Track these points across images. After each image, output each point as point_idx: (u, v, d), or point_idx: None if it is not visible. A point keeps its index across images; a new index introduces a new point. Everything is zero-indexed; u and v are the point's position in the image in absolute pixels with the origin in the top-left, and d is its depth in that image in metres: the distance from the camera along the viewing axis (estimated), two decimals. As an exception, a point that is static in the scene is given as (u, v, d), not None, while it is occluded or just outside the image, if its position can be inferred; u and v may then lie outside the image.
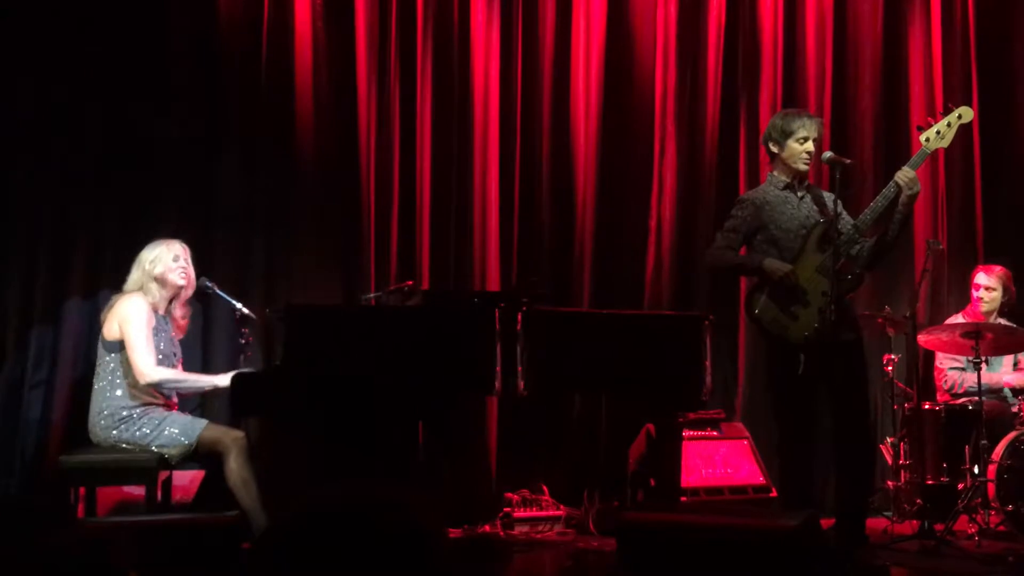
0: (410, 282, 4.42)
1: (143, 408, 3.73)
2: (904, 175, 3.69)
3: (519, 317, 3.63)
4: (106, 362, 3.76)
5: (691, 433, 4.47)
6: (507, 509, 4.45)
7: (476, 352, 3.60)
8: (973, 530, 4.08)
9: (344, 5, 4.80)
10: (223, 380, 3.71)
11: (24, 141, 4.31)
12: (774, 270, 3.76)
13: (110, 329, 3.76)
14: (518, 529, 4.40)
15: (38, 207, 4.31)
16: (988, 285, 4.70)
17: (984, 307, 4.69)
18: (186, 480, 4.05)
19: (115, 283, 3.94)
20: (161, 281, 3.81)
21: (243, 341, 4.08)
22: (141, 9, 4.50)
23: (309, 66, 4.72)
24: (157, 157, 4.50)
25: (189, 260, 3.92)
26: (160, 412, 3.76)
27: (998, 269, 4.75)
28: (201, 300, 4.24)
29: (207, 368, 4.28)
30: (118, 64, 4.44)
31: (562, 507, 4.50)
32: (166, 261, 3.82)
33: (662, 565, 2.94)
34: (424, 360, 3.59)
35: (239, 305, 4.06)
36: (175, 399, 3.89)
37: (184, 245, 3.91)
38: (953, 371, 4.75)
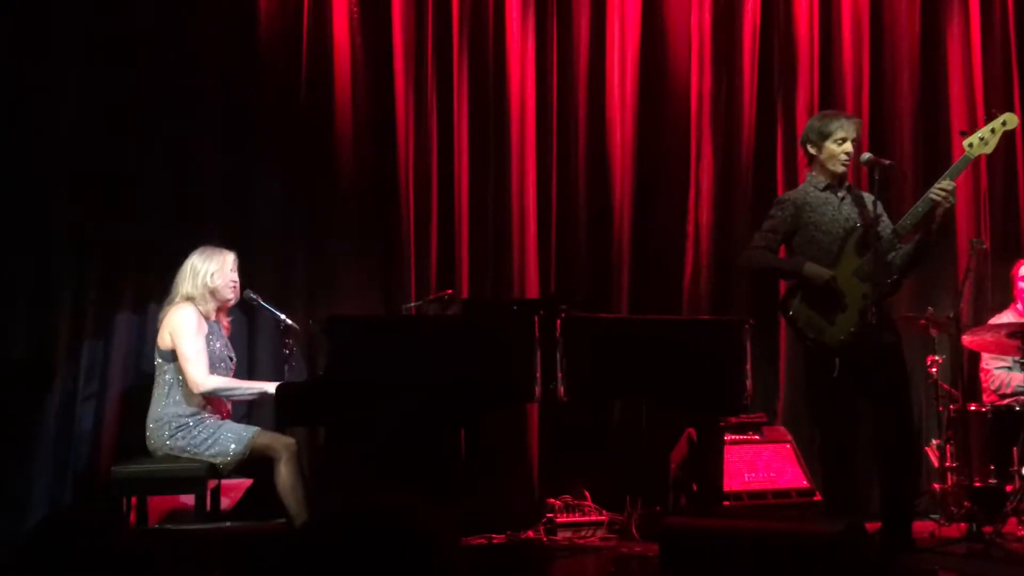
0: (450, 291, 4.47)
1: (199, 416, 3.80)
2: (937, 192, 3.62)
3: (558, 324, 3.66)
4: (163, 371, 3.84)
5: (733, 437, 4.46)
6: (550, 515, 4.47)
7: (516, 359, 3.62)
8: (1022, 532, 4.03)
9: (382, 19, 4.85)
10: (273, 387, 3.74)
11: (69, 160, 4.39)
12: (815, 275, 3.74)
13: (163, 339, 3.84)
14: (561, 535, 4.41)
15: (86, 225, 4.40)
16: None
17: None
18: (233, 489, 4.13)
19: (162, 297, 4.01)
20: (215, 293, 3.90)
21: (287, 352, 4.15)
22: (180, 26, 4.58)
23: (348, 80, 4.78)
24: (199, 172, 4.57)
25: (236, 271, 4.00)
26: (215, 420, 3.83)
27: None
28: (246, 312, 4.32)
29: (252, 378, 4.34)
30: (158, 82, 4.52)
31: (605, 512, 4.51)
32: (224, 275, 3.90)
33: (705, 570, 2.94)
34: (464, 368, 3.62)
35: (283, 316, 4.13)
36: (229, 406, 3.96)
37: (234, 256, 3.99)
38: (1000, 371, 4.70)
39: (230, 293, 3.94)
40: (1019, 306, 4.76)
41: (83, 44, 4.45)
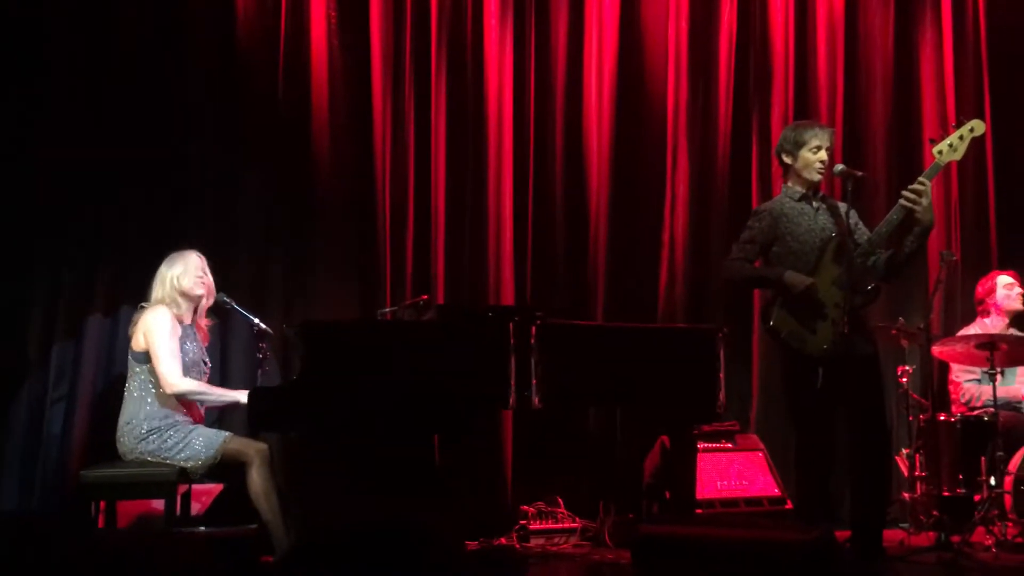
0: (425, 296, 4.47)
1: (171, 420, 3.77)
2: (905, 196, 3.66)
3: (533, 331, 3.66)
4: (136, 373, 3.81)
5: (706, 445, 4.48)
6: (523, 522, 4.47)
7: (491, 366, 3.62)
8: (990, 542, 4.06)
9: (359, 23, 4.87)
10: (245, 396, 3.71)
11: (46, 161, 4.37)
12: (795, 283, 3.76)
13: (136, 341, 3.82)
14: (534, 542, 4.42)
15: (61, 227, 4.37)
16: (1015, 283, 4.74)
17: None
18: (204, 494, 4.10)
19: (136, 300, 3.98)
20: (185, 294, 3.88)
21: (261, 356, 4.12)
22: (158, 27, 4.57)
23: (325, 83, 4.79)
24: (175, 176, 4.56)
25: (207, 269, 3.98)
26: (187, 424, 3.80)
27: (1010, 272, 4.80)
28: (219, 316, 4.29)
29: (225, 383, 4.32)
30: (137, 83, 4.51)
31: (578, 520, 4.52)
32: (191, 274, 3.88)
33: (678, 577, 2.94)
34: (439, 374, 3.62)
35: (256, 320, 4.11)
36: (202, 410, 3.93)
37: (200, 255, 3.97)
38: (970, 384, 4.73)
39: (201, 289, 3.93)
40: (987, 320, 4.81)
41: (64, 47, 4.45)
